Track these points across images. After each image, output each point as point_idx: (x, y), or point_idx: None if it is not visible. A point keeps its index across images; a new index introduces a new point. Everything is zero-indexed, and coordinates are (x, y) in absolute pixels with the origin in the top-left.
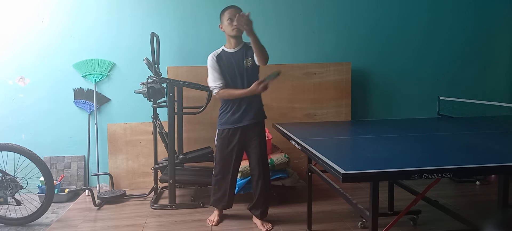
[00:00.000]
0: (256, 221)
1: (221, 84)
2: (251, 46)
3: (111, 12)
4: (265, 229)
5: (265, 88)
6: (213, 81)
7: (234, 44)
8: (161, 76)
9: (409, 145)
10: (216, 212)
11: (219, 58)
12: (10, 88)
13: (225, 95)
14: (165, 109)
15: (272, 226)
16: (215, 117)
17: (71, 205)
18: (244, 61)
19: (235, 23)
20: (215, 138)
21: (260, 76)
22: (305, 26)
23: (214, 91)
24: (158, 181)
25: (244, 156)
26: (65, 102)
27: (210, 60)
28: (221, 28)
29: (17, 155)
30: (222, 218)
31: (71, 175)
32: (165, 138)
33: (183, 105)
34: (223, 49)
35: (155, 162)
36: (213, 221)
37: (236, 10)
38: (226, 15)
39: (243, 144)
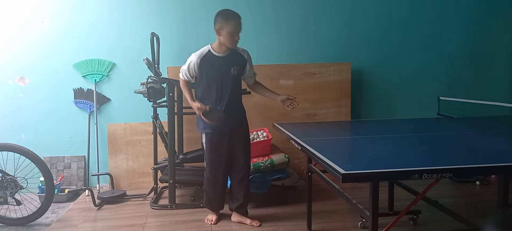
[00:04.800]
0: (246, 219)
1: (188, 79)
2: (240, 53)
3: (111, 12)
4: (258, 225)
5: (200, 113)
6: (185, 72)
7: (224, 49)
8: (161, 76)
9: (409, 145)
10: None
11: (204, 60)
12: (10, 88)
13: (182, 86)
14: (165, 109)
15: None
16: None
17: (71, 205)
18: (232, 69)
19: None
20: (204, 142)
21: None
22: (305, 26)
23: (180, 76)
24: (158, 181)
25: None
26: (65, 102)
27: (193, 60)
28: (218, 31)
29: (17, 155)
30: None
31: (71, 175)
32: (165, 138)
33: (183, 105)
34: (210, 51)
35: (155, 162)
36: (212, 220)
37: (239, 23)
38: (230, 26)
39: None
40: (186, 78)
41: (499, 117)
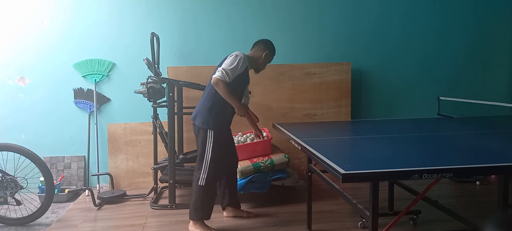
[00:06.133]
0: (242, 212)
1: (229, 81)
2: None
3: (111, 12)
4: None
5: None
6: (231, 72)
7: (251, 66)
8: (161, 76)
9: (409, 145)
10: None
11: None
12: (10, 88)
13: (223, 90)
14: (165, 109)
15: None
16: None
17: (71, 205)
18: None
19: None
20: (211, 141)
21: None
22: (306, 26)
23: (221, 77)
24: (158, 181)
25: (244, 155)
26: (65, 102)
27: (244, 60)
28: (265, 55)
29: (17, 155)
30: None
31: (71, 175)
32: (165, 138)
33: (183, 105)
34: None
35: (155, 162)
36: None
37: None
38: (271, 60)
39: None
40: (228, 80)
41: (499, 117)
